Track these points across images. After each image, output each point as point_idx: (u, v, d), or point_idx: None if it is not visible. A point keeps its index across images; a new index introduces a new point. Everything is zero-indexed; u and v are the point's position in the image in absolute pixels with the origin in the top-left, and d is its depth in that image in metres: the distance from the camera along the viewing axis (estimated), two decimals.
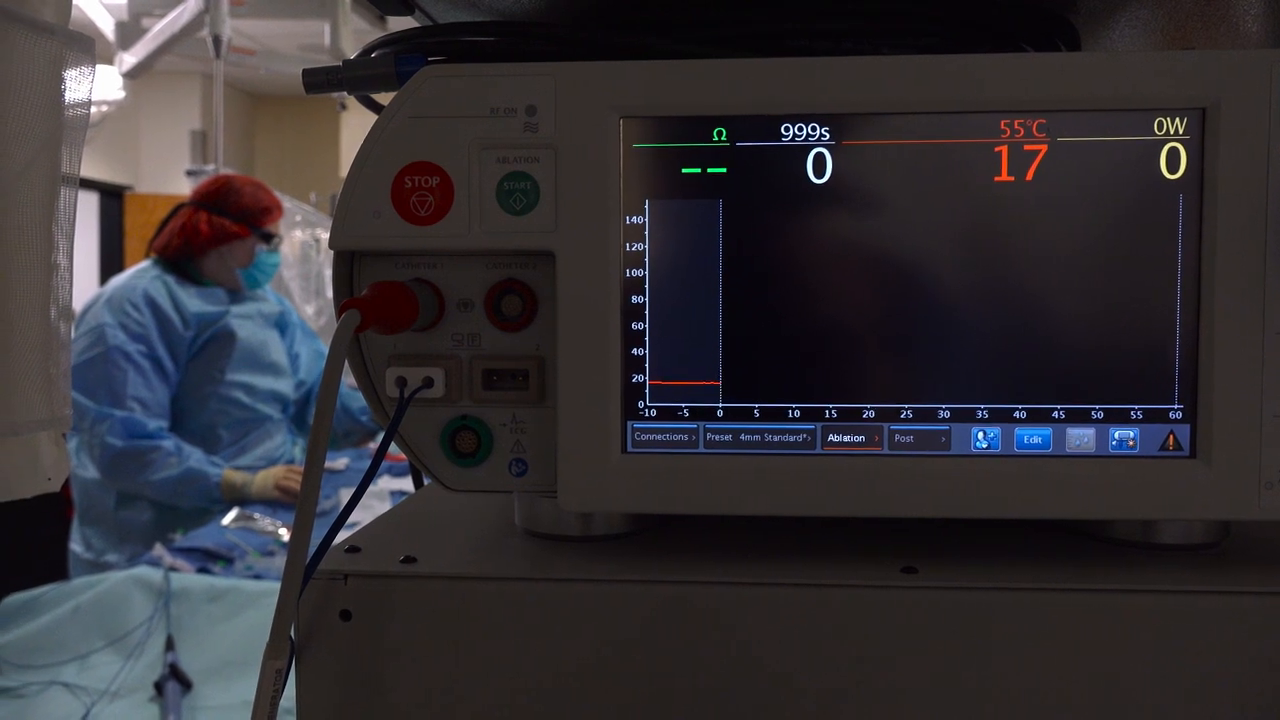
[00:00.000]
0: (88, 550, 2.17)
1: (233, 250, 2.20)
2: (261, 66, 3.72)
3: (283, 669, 0.42)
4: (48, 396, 0.63)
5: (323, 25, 3.02)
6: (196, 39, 2.94)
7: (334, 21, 2.94)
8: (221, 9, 2.73)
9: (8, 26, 0.57)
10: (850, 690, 0.45)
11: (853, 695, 0.45)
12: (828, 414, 0.47)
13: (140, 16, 3.22)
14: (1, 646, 1.45)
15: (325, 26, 2.98)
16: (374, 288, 0.45)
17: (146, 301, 2.13)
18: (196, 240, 2.18)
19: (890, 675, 0.44)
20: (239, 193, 2.22)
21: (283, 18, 3.79)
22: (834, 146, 0.46)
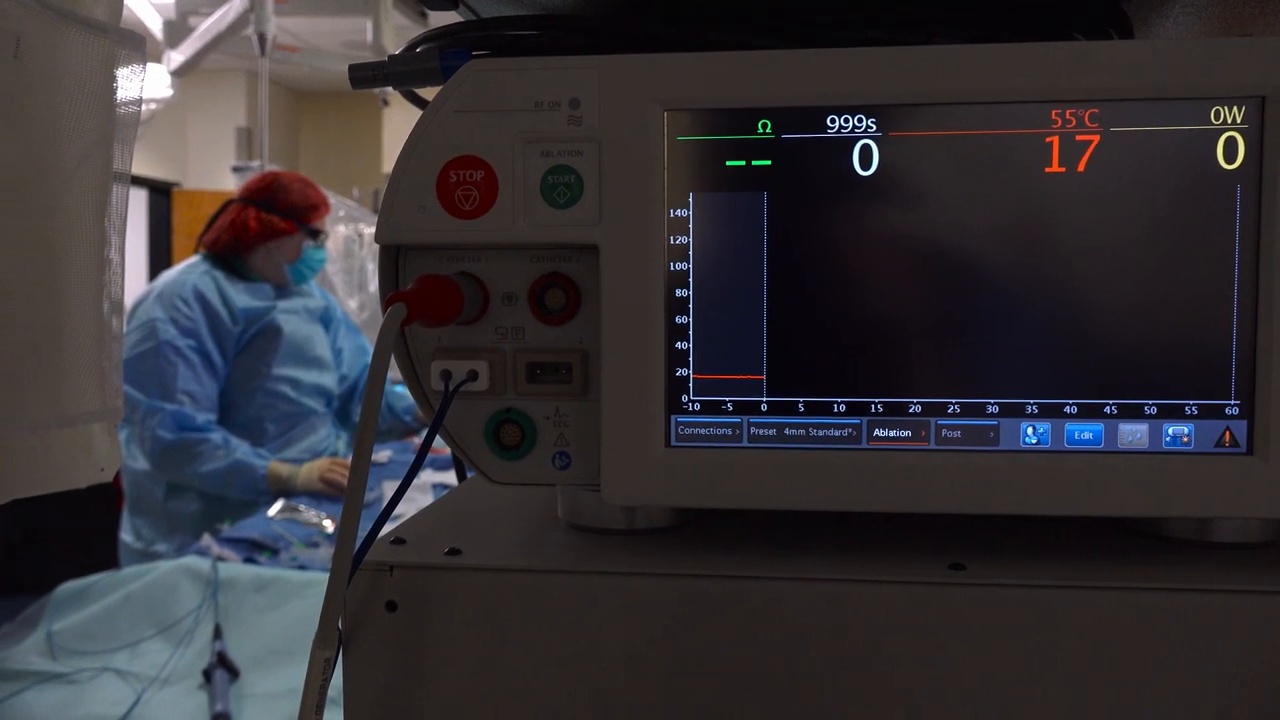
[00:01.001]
0: (137, 540, 2.21)
1: (280, 246, 2.23)
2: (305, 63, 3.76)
3: (331, 658, 0.42)
4: (100, 389, 0.64)
5: (365, 22, 3.04)
6: (242, 37, 2.98)
7: (376, 18, 2.97)
8: (266, 7, 2.77)
9: (62, 25, 0.58)
10: (895, 688, 0.44)
11: (898, 693, 0.44)
12: (873, 408, 0.46)
13: (187, 15, 3.27)
14: (56, 633, 1.49)
15: (367, 23, 3.01)
16: (420, 281, 0.45)
17: (196, 297, 2.17)
18: (245, 236, 2.21)
19: (937, 673, 0.44)
20: (287, 190, 2.25)
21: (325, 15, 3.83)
22: (880, 138, 0.45)
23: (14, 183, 0.56)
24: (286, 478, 2.15)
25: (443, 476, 2.17)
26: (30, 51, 0.57)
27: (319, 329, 2.40)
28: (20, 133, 0.57)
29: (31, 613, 1.58)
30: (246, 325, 2.24)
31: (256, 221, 2.21)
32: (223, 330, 2.21)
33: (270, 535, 1.89)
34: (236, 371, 2.25)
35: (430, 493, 2.08)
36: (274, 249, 2.24)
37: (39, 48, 0.57)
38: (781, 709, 0.45)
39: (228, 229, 2.24)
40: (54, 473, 0.61)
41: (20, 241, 0.57)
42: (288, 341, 2.28)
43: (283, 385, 2.28)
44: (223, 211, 2.29)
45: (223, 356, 2.22)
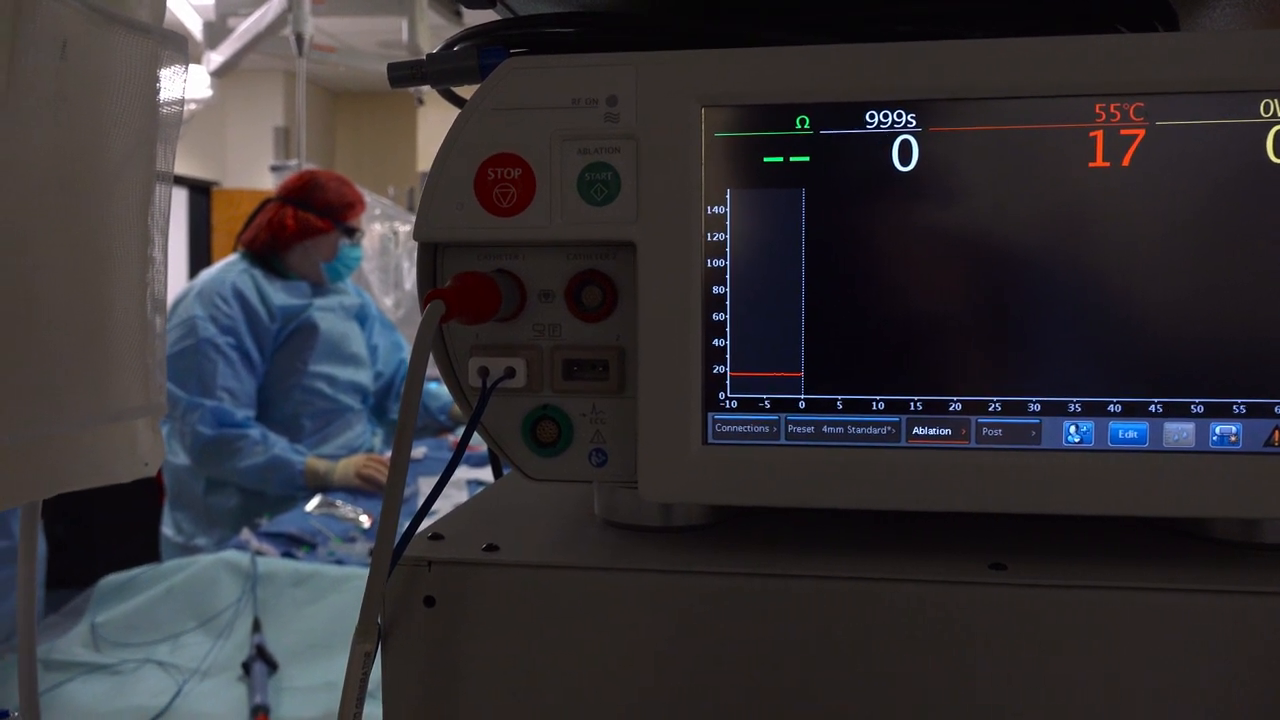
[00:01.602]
0: (178, 534, 2.25)
1: (317, 244, 2.26)
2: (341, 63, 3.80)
3: (371, 652, 0.43)
4: (144, 385, 0.65)
5: (400, 21, 3.07)
6: (280, 37, 3.01)
7: (411, 17, 2.99)
8: (304, 7, 2.79)
9: (107, 27, 0.59)
10: (934, 688, 0.44)
11: (936, 693, 0.44)
12: (913, 406, 0.46)
13: (226, 16, 3.31)
14: (100, 625, 1.51)
15: (403, 22, 3.03)
16: (458, 279, 0.45)
17: (235, 294, 2.20)
18: (283, 235, 2.24)
19: (977, 674, 0.43)
20: (323, 188, 2.27)
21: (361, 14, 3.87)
22: (920, 133, 0.45)
23: (61, 182, 0.57)
24: (323, 473, 2.17)
25: (478, 473, 2.19)
26: (76, 53, 0.58)
27: (355, 326, 2.43)
28: (67, 133, 0.58)
29: (76, 605, 1.61)
30: (284, 323, 2.26)
31: (294, 220, 2.24)
32: (261, 327, 2.23)
33: (308, 530, 1.91)
34: (274, 368, 2.28)
35: (465, 489, 2.09)
36: (311, 247, 2.27)
37: (85, 49, 0.58)
38: (818, 709, 0.45)
39: (265, 227, 2.26)
40: (100, 467, 0.62)
41: (67, 241, 0.58)
42: (324, 339, 2.30)
43: (319, 382, 2.31)
44: (261, 210, 2.32)
45: (261, 353, 2.25)
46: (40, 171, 0.55)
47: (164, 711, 1.28)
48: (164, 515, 2.30)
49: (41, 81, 0.55)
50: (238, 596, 1.57)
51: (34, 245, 0.55)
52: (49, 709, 1.29)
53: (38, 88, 0.54)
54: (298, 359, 2.28)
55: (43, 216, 0.56)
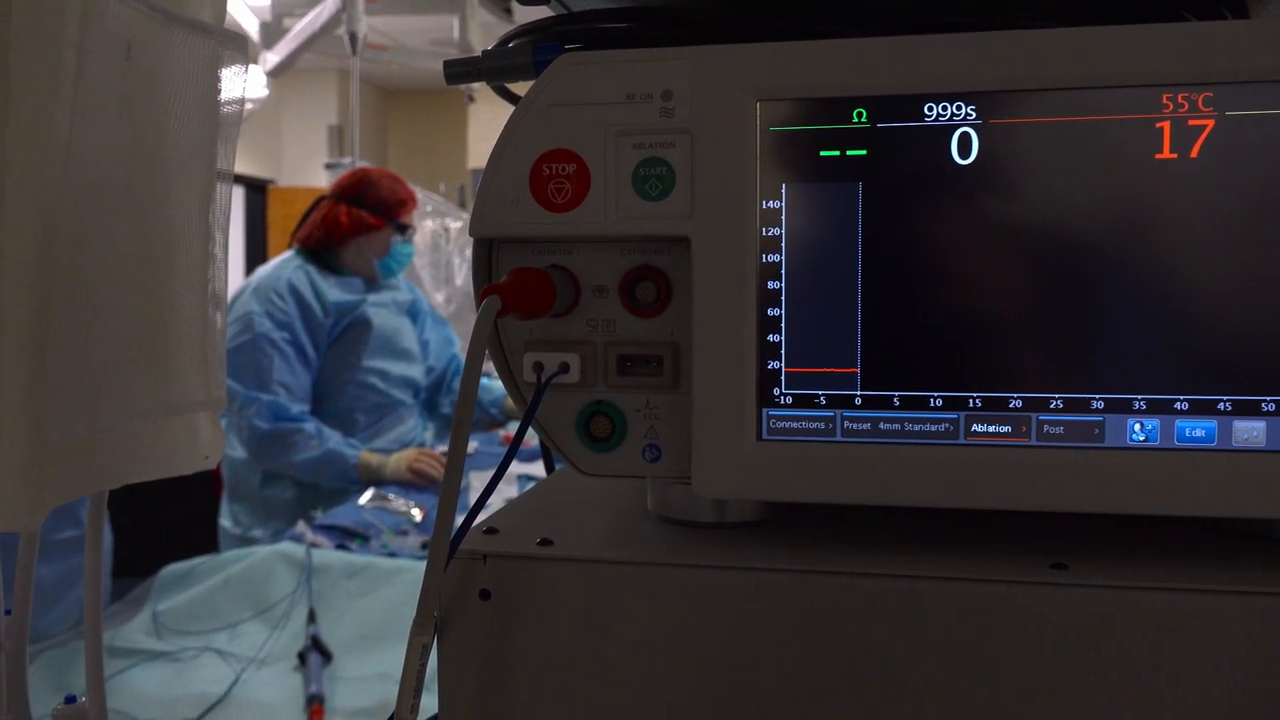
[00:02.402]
0: (235, 525, 2.30)
1: (370, 241, 2.29)
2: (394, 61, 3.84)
3: (428, 644, 0.43)
4: (205, 379, 0.66)
5: (451, 19, 3.09)
6: (334, 36, 3.05)
7: (462, 15, 3.01)
8: (358, 7, 2.83)
9: (169, 27, 0.60)
10: (992, 690, 0.43)
11: (994, 696, 0.43)
12: (971, 403, 0.45)
13: (282, 17, 3.36)
14: (161, 613, 1.55)
15: (454, 20, 3.05)
16: (513, 274, 0.46)
17: (290, 290, 2.24)
18: (336, 232, 2.27)
19: (1036, 676, 0.43)
20: (376, 186, 2.30)
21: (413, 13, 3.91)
22: (980, 126, 0.44)
23: (126, 181, 0.59)
24: (376, 467, 2.20)
25: (528, 468, 2.20)
26: (141, 54, 0.59)
27: (407, 322, 2.46)
28: (131, 133, 0.59)
29: (138, 594, 1.65)
30: (338, 318, 2.30)
31: (347, 217, 2.27)
32: (315, 323, 2.27)
33: (361, 523, 1.94)
34: (328, 363, 2.31)
35: (515, 484, 2.10)
36: (364, 244, 2.30)
37: (149, 51, 0.60)
38: (872, 708, 0.44)
39: (319, 225, 2.30)
40: (164, 459, 0.63)
41: (131, 238, 0.59)
42: (377, 334, 2.33)
43: (372, 377, 2.34)
44: (315, 207, 2.35)
45: (315, 348, 2.29)
46: (106, 171, 0.57)
47: (222, 699, 1.31)
48: (222, 507, 2.35)
49: (108, 83, 0.56)
50: (293, 587, 1.59)
51: (100, 243, 0.56)
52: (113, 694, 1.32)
53: (104, 89, 0.56)
54: (351, 354, 2.31)
55: (109, 215, 0.57)
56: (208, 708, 1.28)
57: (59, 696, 0.64)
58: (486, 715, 0.47)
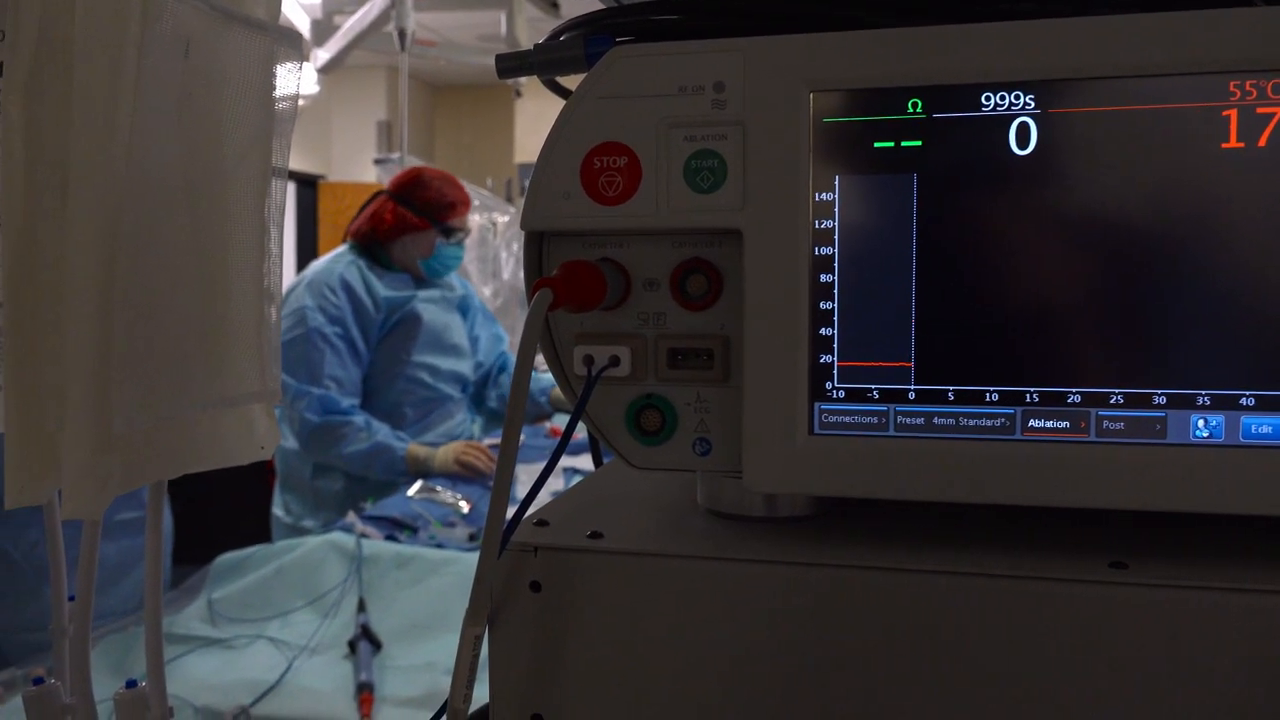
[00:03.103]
0: (287, 514, 2.33)
1: (415, 241, 2.31)
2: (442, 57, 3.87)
3: (481, 635, 0.43)
4: (260, 372, 0.67)
5: (498, 14, 3.11)
6: (383, 33, 3.08)
7: (509, 10, 3.02)
8: (406, 4, 2.86)
9: (226, 25, 0.61)
10: (1044, 691, 0.42)
11: (1049, 696, 0.42)
12: (1028, 398, 0.44)
13: (333, 14, 3.40)
14: (216, 601, 1.58)
15: (501, 15, 3.07)
16: (565, 267, 0.46)
17: (343, 286, 2.27)
18: (382, 228, 2.30)
19: (1093, 676, 0.42)
20: (426, 187, 2.32)
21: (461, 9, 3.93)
22: (1039, 115, 0.43)
23: (184, 177, 0.60)
24: (424, 459, 2.22)
25: (574, 461, 2.21)
26: (198, 51, 0.60)
27: (457, 317, 2.48)
28: (190, 130, 0.60)
29: (193, 582, 1.69)
30: (389, 313, 2.32)
31: (393, 215, 2.29)
32: (367, 318, 2.30)
33: (409, 514, 1.96)
34: (378, 357, 2.34)
35: (561, 476, 2.11)
36: (409, 243, 2.32)
37: (206, 48, 0.61)
38: (920, 706, 0.44)
39: (368, 220, 2.33)
40: (221, 450, 0.65)
41: (190, 234, 0.60)
42: (427, 329, 2.36)
43: (421, 372, 2.36)
44: (370, 202, 2.38)
45: (366, 343, 2.31)
46: (165, 168, 0.58)
47: (275, 686, 1.33)
48: (274, 496, 2.39)
49: (167, 81, 0.57)
50: (344, 577, 1.62)
51: (160, 239, 0.57)
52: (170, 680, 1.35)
53: (164, 87, 0.57)
54: (401, 349, 2.34)
55: (168, 211, 0.58)
56: (261, 694, 1.31)
57: (118, 680, 0.65)
58: (536, 705, 0.47)
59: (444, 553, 1.70)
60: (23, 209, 0.55)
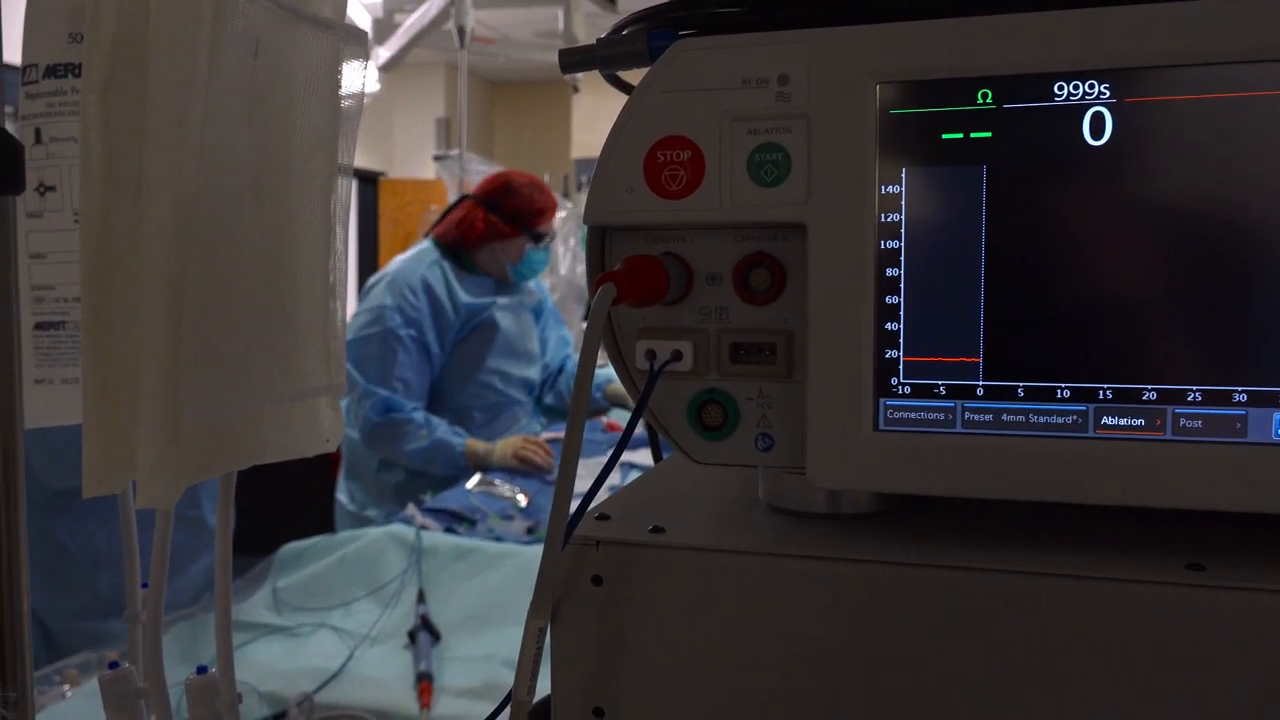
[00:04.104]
0: (351, 502, 2.38)
1: (504, 247, 2.33)
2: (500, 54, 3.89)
3: (545, 628, 0.44)
4: (327, 366, 0.68)
5: (556, 11, 3.12)
6: (442, 31, 3.11)
7: (567, 7, 3.04)
8: (465, 1, 2.88)
9: (295, 23, 0.62)
10: (1116, 694, 0.41)
11: (1119, 700, 0.41)
12: (1102, 394, 0.43)
13: (393, 13, 3.44)
14: (280, 589, 1.61)
15: (558, 12, 3.08)
16: (628, 262, 0.46)
17: (423, 287, 2.29)
18: (471, 235, 2.32)
19: (1166, 681, 0.41)
20: (515, 194, 2.33)
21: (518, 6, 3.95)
22: (1114, 105, 0.42)
23: (253, 176, 0.61)
24: (483, 454, 2.25)
25: (630, 455, 2.21)
26: (267, 51, 0.61)
27: (531, 323, 2.50)
28: (259, 129, 0.61)
29: (259, 570, 1.73)
30: (467, 319, 2.35)
31: (483, 223, 2.31)
32: (444, 322, 2.32)
33: (468, 507, 1.98)
34: (452, 361, 2.36)
35: (618, 470, 2.12)
36: (498, 249, 2.33)
37: (275, 47, 0.62)
38: (985, 709, 0.43)
39: (456, 226, 2.34)
40: (287, 442, 0.66)
41: (259, 232, 0.62)
42: (502, 337, 2.38)
43: (493, 377, 2.39)
44: (456, 206, 2.40)
45: (441, 347, 2.34)
46: (236, 166, 0.59)
47: (337, 674, 1.36)
48: (339, 483, 2.44)
49: (238, 80, 0.58)
50: (404, 568, 1.64)
51: (231, 236, 0.58)
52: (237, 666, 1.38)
53: (234, 86, 0.58)
54: (476, 354, 2.36)
55: (238, 209, 0.59)
56: (323, 682, 1.33)
57: (187, 665, 0.67)
58: (597, 698, 0.48)
59: (502, 546, 1.71)
60: (100, 208, 0.56)
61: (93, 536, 1.74)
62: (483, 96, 7.16)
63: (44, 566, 1.69)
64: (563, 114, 6.82)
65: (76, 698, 1.27)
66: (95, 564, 1.75)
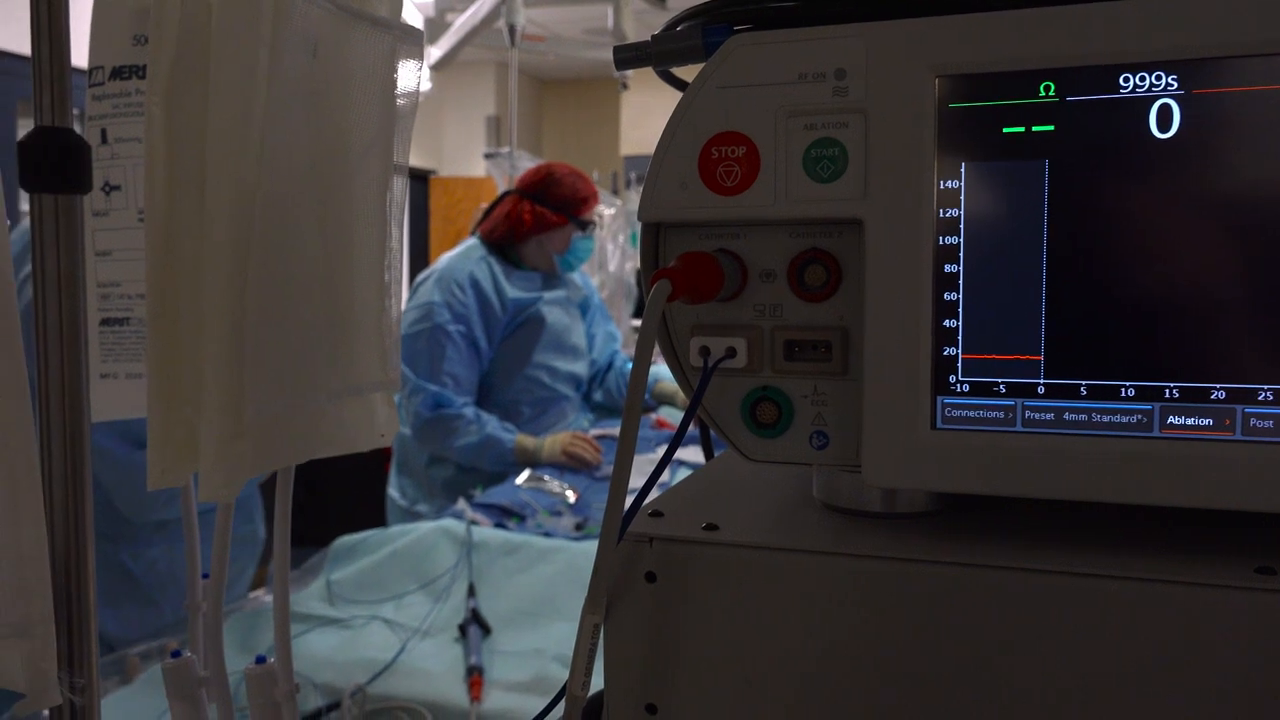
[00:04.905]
0: (403, 498, 2.41)
1: (551, 237, 2.34)
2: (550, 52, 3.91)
3: (599, 624, 0.44)
4: (382, 362, 0.69)
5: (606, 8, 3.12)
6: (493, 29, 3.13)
7: (617, 4, 3.03)
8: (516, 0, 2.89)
9: (352, 23, 0.63)
10: (1184, 701, 0.40)
11: (1186, 707, 0.40)
12: (1168, 393, 0.42)
13: (445, 12, 3.47)
14: (334, 582, 1.64)
15: (608, 9, 3.08)
16: (682, 258, 0.46)
17: (471, 284, 2.31)
18: (520, 229, 2.33)
19: (1239, 686, 0.40)
20: (559, 183, 2.34)
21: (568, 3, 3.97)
22: (1183, 96, 0.41)
23: (311, 174, 0.62)
24: (532, 450, 2.26)
25: (680, 453, 2.21)
26: (325, 51, 0.62)
27: (578, 318, 2.51)
28: (317, 128, 0.62)
29: (314, 563, 1.75)
30: (514, 314, 2.37)
31: (531, 214, 2.32)
32: (492, 318, 2.34)
33: (518, 503, 2.00)
34: (500, 356, 2.38)
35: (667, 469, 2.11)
36: (545, 240, 2.35)
37: (332, 48, 0.63)
38: (1042, 710, 0.42)
39: (503, 220, 2.36)
40: (344, 437, 0.67)
41: (318, 230, 0.63)
42: (549, 331, 2.39)
43: (540, 372, 2.40)
44: (500, 202, 2.42)
45: (489, 342, 2.36)
46: (295, 167, 0.60)
47: (390, 665, 1.37)
48: (390, 479, 2.47)
49: (296, 80, 0.59)
50: (454, 562, 1.66)
51: (291, 235, 0.59)
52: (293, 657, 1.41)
53: (293, 86, 0.59)
54: (523, 349, 2.38)
55: (297, 209, 0.60)
56: (376, 673, 1.35)
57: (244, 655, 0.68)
58: (650, 696, 0.48)
59: (551, 541, 1.72)
60: (164, 206, 0.58)
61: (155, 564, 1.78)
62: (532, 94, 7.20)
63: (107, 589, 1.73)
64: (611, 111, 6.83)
65: (138, 685, 1.30)
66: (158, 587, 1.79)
